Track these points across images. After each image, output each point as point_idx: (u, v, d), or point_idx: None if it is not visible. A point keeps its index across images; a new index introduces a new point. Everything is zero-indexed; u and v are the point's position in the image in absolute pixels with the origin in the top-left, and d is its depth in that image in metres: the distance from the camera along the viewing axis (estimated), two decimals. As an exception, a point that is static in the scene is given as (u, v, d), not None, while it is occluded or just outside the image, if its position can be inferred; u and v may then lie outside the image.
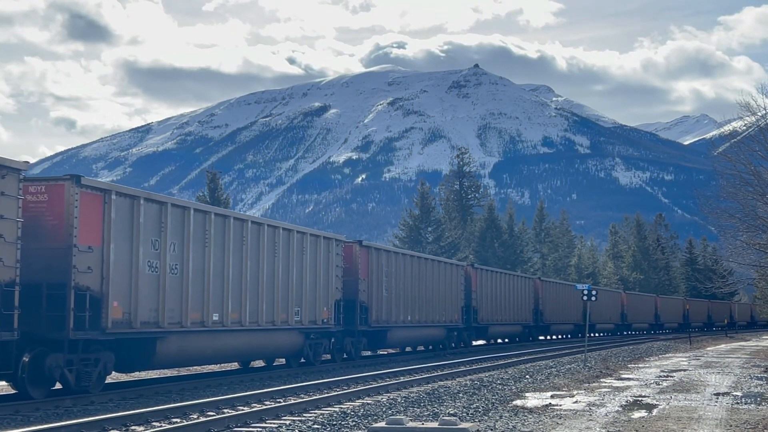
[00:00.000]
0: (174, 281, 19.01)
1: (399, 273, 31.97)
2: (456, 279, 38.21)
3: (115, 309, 17.17)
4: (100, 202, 17.05)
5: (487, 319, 42.04)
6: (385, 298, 30.63)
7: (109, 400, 16.95)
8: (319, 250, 25.84)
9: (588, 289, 32.34)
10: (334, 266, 26.93)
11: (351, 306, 28.25)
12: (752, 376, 25.54)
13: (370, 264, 29.56)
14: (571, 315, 56.57)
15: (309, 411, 15.80)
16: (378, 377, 22.62)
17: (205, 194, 56.16)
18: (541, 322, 48.68)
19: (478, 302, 40.63)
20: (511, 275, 45.49)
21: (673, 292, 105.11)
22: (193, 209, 20.00)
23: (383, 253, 31.20)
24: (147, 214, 18.16)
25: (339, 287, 27.22)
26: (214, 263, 20.34)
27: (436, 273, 35.97)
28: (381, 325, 30.37)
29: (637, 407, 17.26)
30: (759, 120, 32.25)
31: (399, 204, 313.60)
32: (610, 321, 69.43)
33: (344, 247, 28.13)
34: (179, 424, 13.30)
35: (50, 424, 12.94)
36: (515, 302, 45.01)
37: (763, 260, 35.27)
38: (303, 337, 25.19)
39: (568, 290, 55.16)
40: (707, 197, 37.55)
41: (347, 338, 28.65)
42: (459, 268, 39.13)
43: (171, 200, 19.47)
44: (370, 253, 29.83)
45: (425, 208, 70.62)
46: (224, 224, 21.03)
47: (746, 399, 18.99)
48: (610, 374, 25.84)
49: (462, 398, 17.96)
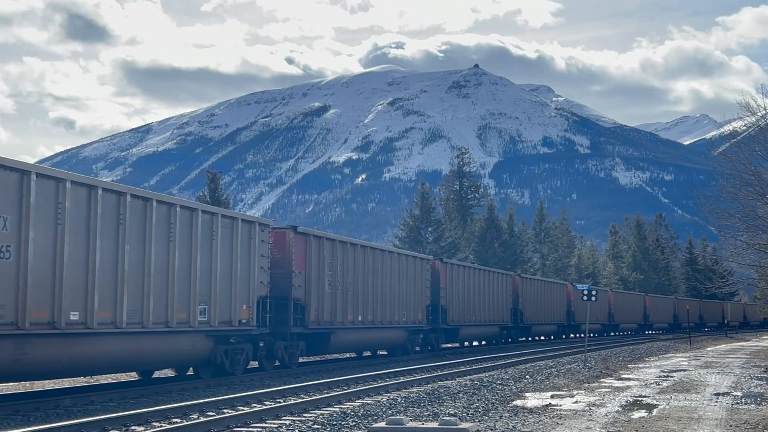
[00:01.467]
0: (6, 267, 14.72)
1: (347, 266, 27.16)
2: (421, 274, 33.34)
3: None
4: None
5: (458, 319, 37.37)
6: (328, 294, 26.01)
7: (109, 399, 16.94)
8: (236, 235, 21.19)
9: (588, 289, 32.33)
10: (258, 255, 22.21)
11: (282, 304, 23.96)
12: (752, 376, 25.54)
13: (308, 254, 24.81)
14: (555, 315, 53.15)
15: (309, 411, 15.79)
16: (378, 377, 22.61)
17: (206, 194, 56.14)
18: (521, 323, 44.49)
19: (447, 301, 36.11)
20: (487, 271, 40.26)
21: (673, 292, 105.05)
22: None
23: (326, 241, 26.11)
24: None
25: (265, 281, 22.64)
26: (69, 246, 15.92)
27: (397, 267, 31.14)
28: (322, 326, 25.79)
29: (637, 407, 17.25)
30: (759, 120, 32.26)
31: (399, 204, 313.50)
32: (597, 321, 64.50)
33: (273, 234, 23.58)
34: (179, 424, 13.29)
35: (50, 424, 12.93)
36: (491, 301, 40.34)
37: (763, 260, 35.27)
38: (212, 341, 20.63)
39: (552, 288, 53.38)
40: (707, 197, 37.56)
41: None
42: (425, 261, 34.35)
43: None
44: (308, 242, 25.09)
45: (425, 208, 70.59)
46: (89, 197, 16.55)
47: (746, 399, 18.99)
48: (610, 374, 25.84)
49: (462, 398, 17.96)
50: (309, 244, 25.02)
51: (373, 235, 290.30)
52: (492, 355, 34.33)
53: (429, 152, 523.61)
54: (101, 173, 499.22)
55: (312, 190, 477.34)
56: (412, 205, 73.70)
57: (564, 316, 55.24)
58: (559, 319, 53.50)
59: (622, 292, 78.38)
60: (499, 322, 42.93)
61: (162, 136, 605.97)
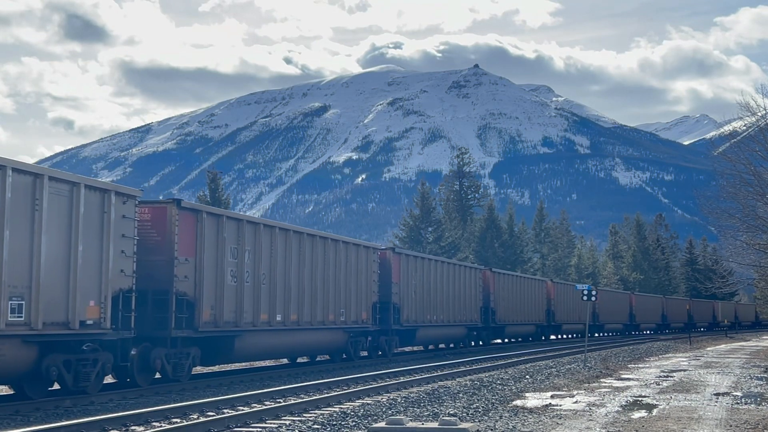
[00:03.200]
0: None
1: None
2: (366, 266, 32.10)
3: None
4: None
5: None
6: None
7: (109, 400, 16.93)
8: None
9: (588, 289, 32.55)
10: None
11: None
12: (752, 376, 25.53)
13: (200, 237, 22.33)
14: (532, 314, 50.98)
15: (309, 411, 15.79)
16: (378, 377, 22.62)
17: (206, 194, 56.15)
18: (494, 323, 43.16)
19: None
20: (451, 264, 39.26)
21: (673, 292, 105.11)
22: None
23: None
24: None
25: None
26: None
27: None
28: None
29: (637, 407, 17.25)
30: (759, 120, 32.24)
31: (399, 204, 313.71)
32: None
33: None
34: (179, 424, 13.29)
35: (50, 424, 12.93)
36: (457, 298, 38.74)
37: (763, 260, 35.27)
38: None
39: (530, 284, 50.94)
40: (707, 197, 37.52)
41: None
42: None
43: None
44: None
45: (425, 208, 70.60)
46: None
47: (746, 399, 18.98)
48: (610, 374, 25.84)
49: (462, 398, 17.95)
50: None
51: (373, 235, 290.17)
52: (493, 355, 34.30)
53: (429, 152, 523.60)
54: (101, 173, 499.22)
55: (312, 190, 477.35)
56: (412, 205, 73.74)
57: (543, 316, 51.60)
58: (537, 319, 50.19)
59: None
60: (466, 322, 39.36)
61: (162, 136, 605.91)
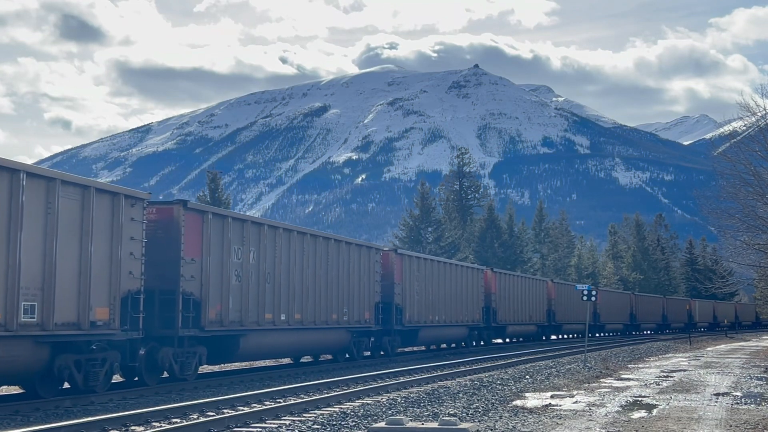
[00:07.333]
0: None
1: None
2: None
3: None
4: None
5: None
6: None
7: (109, 400, 16.93)
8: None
9: (588, 290, 32.60)
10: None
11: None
12: (752, 376, 25.53)
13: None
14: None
15: (309, 411, 15.78)
16: (378, 377, 22.62)
17: (206, 194, 56.14)
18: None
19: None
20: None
21: (673, 292, 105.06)
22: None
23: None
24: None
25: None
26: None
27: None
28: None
29: (637, 407, 17.25)
30: (759, 120, 32.24)
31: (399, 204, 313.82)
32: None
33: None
34: (179, 424, 13.29)
35: (50, 424, 12.93)
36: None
37: (763, 260, 35.26)
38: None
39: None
40: (707, 197, 37.54)
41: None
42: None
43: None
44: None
45: (425, 208, 70.58)
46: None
47: (746, 399, 18.98)
48: (609, 374, 25.84)
49: (462, 398, 17.95)
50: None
51: (373, 236, 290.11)
52: (493, 355, 34.32)
53: (429, 152, 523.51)
54: (101, 173, 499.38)
55: (312, 190, 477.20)
56: (412, 205, 73.73)
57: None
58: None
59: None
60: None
61: (162, 136, 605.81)
